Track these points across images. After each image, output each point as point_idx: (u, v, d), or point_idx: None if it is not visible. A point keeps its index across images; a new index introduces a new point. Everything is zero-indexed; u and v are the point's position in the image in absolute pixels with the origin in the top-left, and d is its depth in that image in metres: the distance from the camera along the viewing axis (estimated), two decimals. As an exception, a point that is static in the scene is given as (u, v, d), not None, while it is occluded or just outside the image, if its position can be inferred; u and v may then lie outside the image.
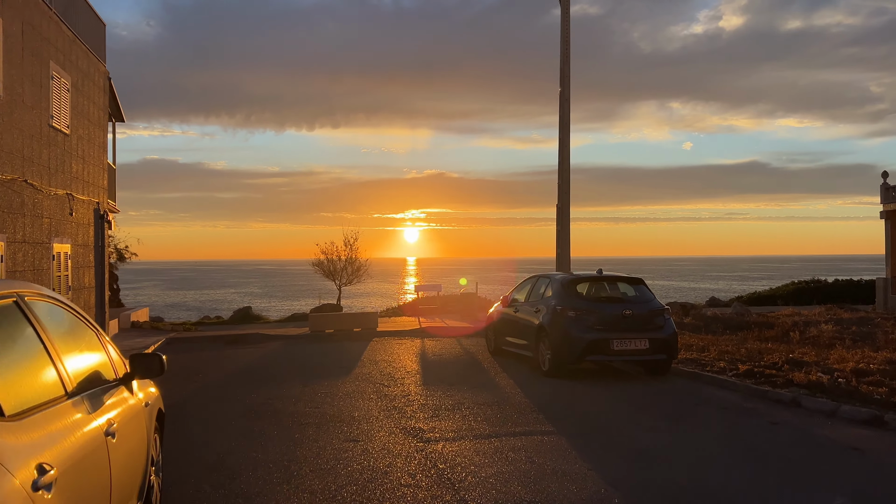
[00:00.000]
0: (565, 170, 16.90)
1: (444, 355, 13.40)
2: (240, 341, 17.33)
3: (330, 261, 27.91)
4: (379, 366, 12.06)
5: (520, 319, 11.77)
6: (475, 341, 15.74)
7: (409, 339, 16.61)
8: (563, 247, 16.91)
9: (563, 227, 16.93)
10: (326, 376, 10.96)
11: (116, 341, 17.59)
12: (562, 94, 17.03)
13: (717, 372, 10.57)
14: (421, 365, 12.16)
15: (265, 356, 14.05)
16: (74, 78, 14.09)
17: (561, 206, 16.98)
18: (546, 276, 11.66)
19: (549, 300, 10.83)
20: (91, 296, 15.34)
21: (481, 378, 10.63)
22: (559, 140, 17.01)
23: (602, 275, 11.09)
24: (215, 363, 13.05)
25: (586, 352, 10.12)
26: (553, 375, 10.48)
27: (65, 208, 13.56)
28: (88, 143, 15.10)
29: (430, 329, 19.03)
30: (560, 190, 16.99)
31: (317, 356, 13.74)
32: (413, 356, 13.36)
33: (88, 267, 15.19)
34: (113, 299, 23.85)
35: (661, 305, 10.70)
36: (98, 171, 15.84)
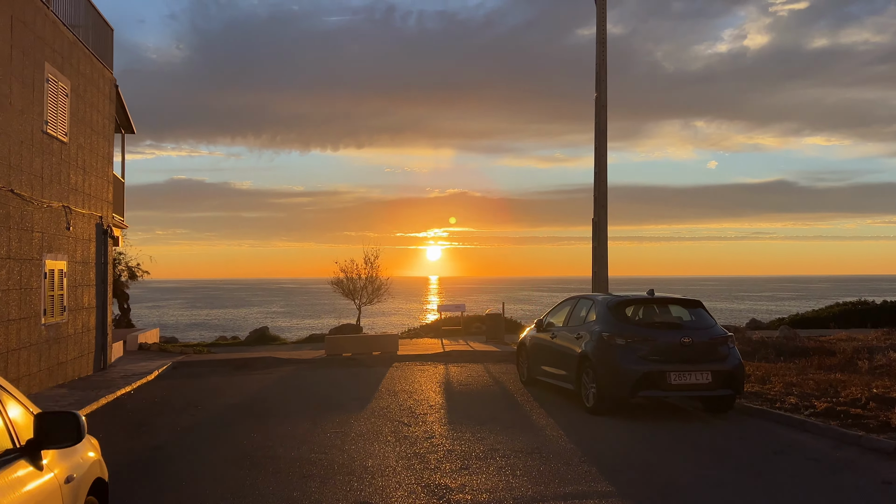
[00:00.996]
0: (602, 181, 15.55)
1: (471, 385, 12.04)
2: (249, 366, 16.12)
3: (349, 279, 26.76)
4: (398, 398, 10.74)
5: (558, 347, 10.39)
6: (504, 368, 14.36)
7: (431, 365, 15.27)
8: (599, 265, 15.51)
9: (600, 244, 15.54)
10: (339, 411, 9.66)
11: (119, 365, 16.55)
12: (598, 99, 15.73)
13: (791, 410, 9.08)
14: (445, 397, 10.81)
15: (274, 384, 12.80)
16: (75, 83, 13.12)
17: (597, 220, 15.60)
18: (588, 298, 10.28)
19: (593, 325, 9.45)
20: (91, 317, 14.26)
21: (515, 415, 9.25)
22: (595, 149, 15.69)
23: (654, 296, 9.69)
24: (218, 393, 11.83)
25: (639, 386, 8.70)
26: (599, 413, 9.07)
27: (60, 222, 12.52)
28: (90, 153, 14.11)
29: (454, 353, 17.68)
30: (596, 203, 15.62)
31: (330, 385, 12.46)
32: (436, 386, 12.02)
33: (88, 286, 14.14)
34: (122, 320, 22.87)
35: (724, 332, 9.26)
36: (101, 184, 14.85)
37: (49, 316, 11.99)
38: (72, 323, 13.15)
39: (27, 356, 11.14)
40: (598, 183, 15.57)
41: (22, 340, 10.94)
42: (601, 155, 15.55)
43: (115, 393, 11.65)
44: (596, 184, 15.64)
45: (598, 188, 15.58)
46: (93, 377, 13.66)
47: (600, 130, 15.59)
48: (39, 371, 11.63)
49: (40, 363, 11.65)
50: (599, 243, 15.49)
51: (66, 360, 12.80)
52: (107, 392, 11.63)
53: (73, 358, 13.23)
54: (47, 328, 11.93)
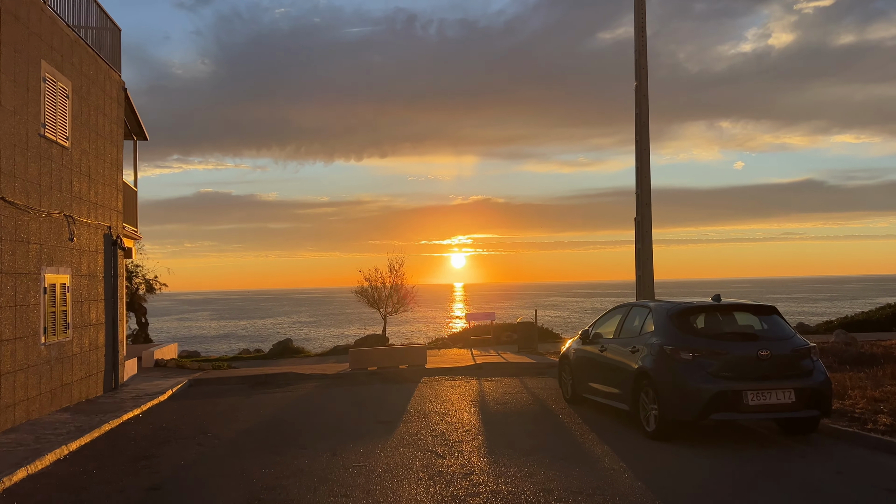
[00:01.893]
0: (644, 176, 14.30)
1: (508, 404, 10.86)
2: (269, 383, 15.13)
3: (374, 288, 25.73)
4: (429, 420, 9.61)
5: (608, 361, 9.19)
6: (543, 383, 13.15)
7: (463, 380, 14.12)
8: (644, 268, 14.24)
9: (644, 245, 14.28)
10: (363, 438, 8.55)
11: (132, 384, 15.65)
12: (638, 88, 14.51)
13: (887, 432, 7.76)
14: (482, 419, 9.65)
15: (293, 404, 11.75)
16: (77, 84, 12.28)
17: (640, 219, 14.35)
18: (642, 305, 9.05)
19: (652, 337, 8.23)
20: (100, 334, 13.37)
21: (564, 441, 8.06)
22: (636, 142, 14.46)
23: (720, 302, 8.44)
24: (232, 415, 10.81)
25: (711, 408, 7.46)
26: (661, 438, 7.85)
27: (62, 232, 11.65)
28: (96, 158, 13.26)
29: (486, 365, 16.51)
30: (638, 201, 14.38)
31: (354, 405, 11.37)
32: (470, 405, 10.87)
33: (96, 300, 13.26)
34: (140, 335, 22.09)
35: (805, 342, 7.97)
36: (110, 192, 14.00)
37: (50, 334, 11.09)
38: (77, 341, 12.25)
39: (25, 379, 10.23)
40: (641, 179, 14.33)
41: (18, 362, 10.03)
42: (643, 148, 14.32)
43: (120, 417, 10.69)
44: (638, 180, 14.41)
45: (640, 184, 14.35)
46: (101, 399, 12.75)
47: (642, 122, 14.37)
48: (40, 395, 10.72)
49: (41, 386, 10.74)
50: (643, 244, 14.24)
51: (70, 381, 11.89)
52: (112, 416, 10.68)
53: (80, 378, 12.33)
54: (48, 348, 11.03)
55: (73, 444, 8.74)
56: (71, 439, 8.91)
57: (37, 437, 9.10)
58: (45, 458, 7.89)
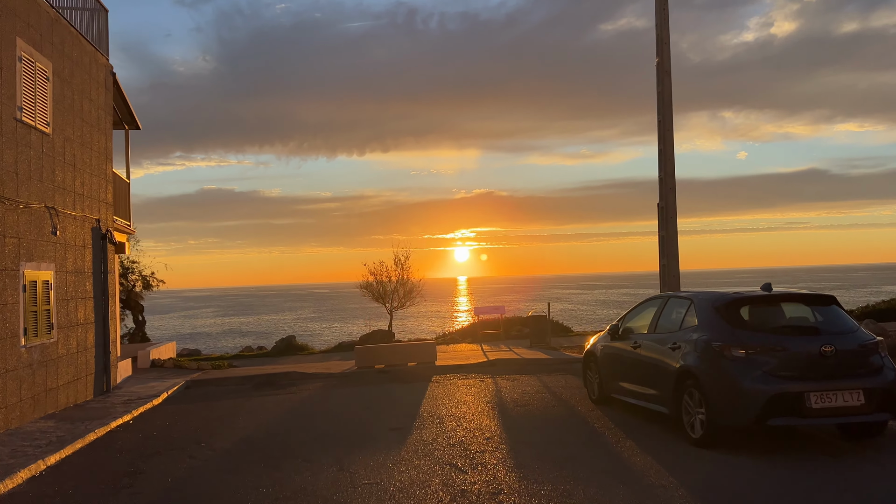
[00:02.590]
0: (668, 158, 13.37)
1: (530, 406, 9.98)
2: (271, 383, 14.27)
3: (379, 283, 24.87)
4: (445, 426, 8.73)
5: (643, 359, 8.29)
6: (564, 381, 12.27)
7: (476, 378, 13.25)
8: (669, 257, 13.32)
9: (669, 232, 13.35)
10: (373, 447, 7.68)
11: (126, 387, 14.79)
12: (659, 65, 13.56)
13: (964, 436, 6.88)
14: (503, 424, 8.76)
15: (296, 408, 10.89)
16: (58, 66, 11.39)
17: (664, 205, 13.42)
18: (682, 297, 8.13)
19: (696, 332, 7.33)
20: (88, 334, 12.52)
21: (599, 451, 7.17)
22: (658, 122, 13.52)
23: (772, 291, 7.52)
24: (230, 421, 9.95)
25: (768, 412, 6.55)
26: (708, 445, 6.95)
27: (43, 225, 10.78)
28: (82, 146, 12.38)
29: (499, 362, 15.64)
30: (662, 184, 13.45)
31: (362, 408, 10.51)
32: (488, 407, 9.98)
33: (84, 298, 12.41)
34: (137, 333, 21.26)
35: (871, 336, 7.05)
36: (98, 183, 13.13)
37: (31, 336, 10.24)
38: (63, 342, 11.40)
39: (3, 385, 9.38)
40: (664, 161, 13.39)
41: (-5, 367, 9.19)
42: (666, 129, 13.38)
43: (108, 425, 9.84)
44: (661, 162, 13.48)
45: (663, 167, 13.41)
46: (91, 403, 11.90)
47: (664, 101, 13.42)
48: (20, 401, 9.87)
49: (21, 392, 9.89)
50: (668, 231, 13.31)
51: (56, 385, 11.05)
52: (100, 424, 9.83)
53: (67, 382, 11.48)
54: (29, 350, 10.18)
55: (51, 457, 7.88)
56: (50, 452, 8.06)
57: (13, 449, 8.24)
58: (16, 477, 7.03)
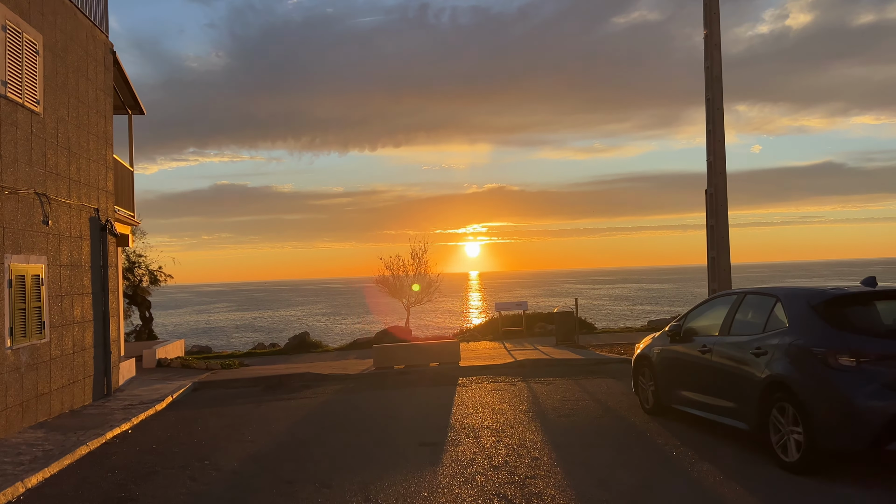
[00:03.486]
0: (717, 140, 12.16)
1: (575, 416, 8.85)
2: (284, 385, 13.25)
3: (396, 277, 23.82)
4: (482, 441, 7.63)
5: (715, 365, 7.14)
6: (605, 386, 11.13)
7: (507, 382, 12.14)
8: (719, 249, 12.13)
9: (719, 222, 12.16)
10: (401, 469, 6.60)
11: (128, 389, 13.75)
12: (708, 38, 12.35)
13: None
14: (549, 439, 7.64)
15: (311, 416, 9.84)
16: (50, 39, 10.37)
17: (713, 191, 12.23)
18: (764, 293, 6.95)
19: (788, 335, 6.17)
20: (87, 333, 11.54)
21: (674, 477, 6.03)
22: (707, 101, 12.31)
23: (878, 288, 6.35)
24: (238, 431, 8.90)
25: (889, 435, 5.39)
26: (807, 472, 5.80)
27: (33, 214, 9.77)
28: (78, 129, 11.37)
29: (528, 363, 14.52)
30: (711, 169, 12.25)
31: (384, 417, 9.43)
32: (527, 418, 8.87)
33: (81, 295, 11.43)
34: (143, 330, 20.31)
35: None
36: (97, 169, 12.12)
37: (19, 336, 9.24)
38: (57, 342, 10.40)
39: (-15, 391, 8.39)
40: (714, 143, 12.19)
41: (-25, 371, 8.19)
42: (716, 108, 12.17)
43: (103, 436, 8.82)
44: (710, 144, 12.27)
45: (712, 150, 12.21)
46: (88, 409, 10.91)
47: (713, 76, 12.21)
48: (6, 409, 8.87)
49: (7, 398, 8.89)
50: (718, 221, 12.12)
51: (48, 390, 10.06)
52: (94, 434, 8.82)
53: (62, 386, 10.49)
54: (16, 352, 9.17)
55: (32, 478, 6.86)
56: (32, 471, 7.04)
57: (-9, 467, 7.23)
58: (-14, 504, 6.02)
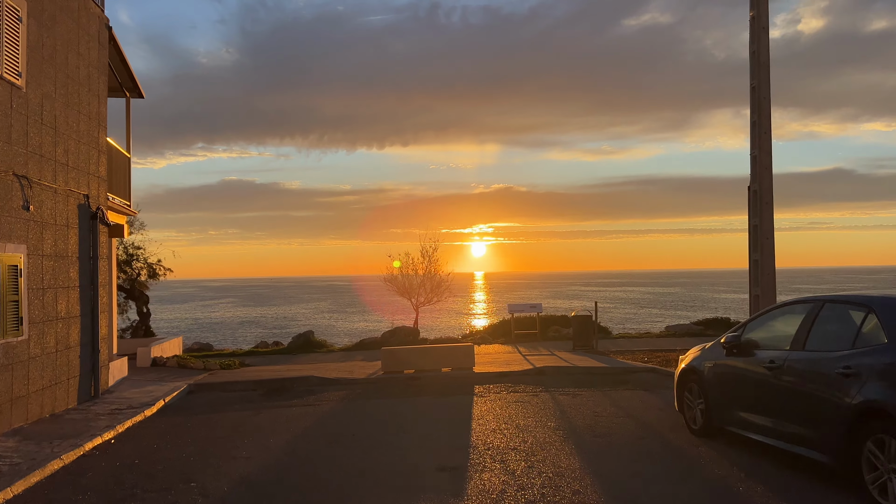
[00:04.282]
0: (764, 132, 11.13)
1: (612, 436, 7.84)
2: (286, 390, 12.29)
3: (405, 276, 22.89)
4: (510, 465, 6.63)
5: (786, 385, 6.12)
6: (638, 400, 10.12)
7: (528, 392, 11.14)
8: (764, 251, 11.10)
9: (764, 221, 11.12)
10: (421, 501, 5.61)
11: (118, 391, 12.74)
12: (755, 20, 11.31)
13: None
14: (587, 466, 6.64)
15: (315, 429, 8.86)
16: (35, 6, 9.44)
17: (757, 188, 11.19)
18: (853, 303, 5.88)
19: (890, 353, 5.15)
20: (72, 330, 10.61)
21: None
22: (752, 89, 11.27)
23: None
24: (232, 444, 7.93)
25: None
26: (911, 520, 4.80)
27: (12, 198, 8.84)
28: (66, 108, 10.44)
29: (548, 370, 13.52)
30: (756, 163, 11.20)
31: (396, 431, 8.44)
32: (558, 438, 7.86)
33: (67, 288, 10.50)
34: (140, 326, 19.39)
35: None
36: (87, 152, 11.20)
37: (-9, 333, 8.30)
38: (37, 340, 9.47)
39: (-52, 395, 7.45)
40: (759, 135, 11.16)
41: (-64, 373, 7.25)
42: (762, 96, 11.14)
43: (82, 447, 7.86)
44: (754, 137, 11.24)
45: (757, 142, 11.17)
46: (70, 413, 9.97)
47: (760, 62, 11.18)
48: (-26, 414, 7.94)
49: (-25, 403, 7.96)
50: (763, 219, 11.08)
51: (26, 392, 9.12)
52: (72, 444, 7.87)
53: (42, 388, 9.56)
54: (-13, 351, 8.24)
55: (-11, 501, 5.92)
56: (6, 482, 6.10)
57: (-55, 485, 6.29)
58: (-74, 537, 5.06)
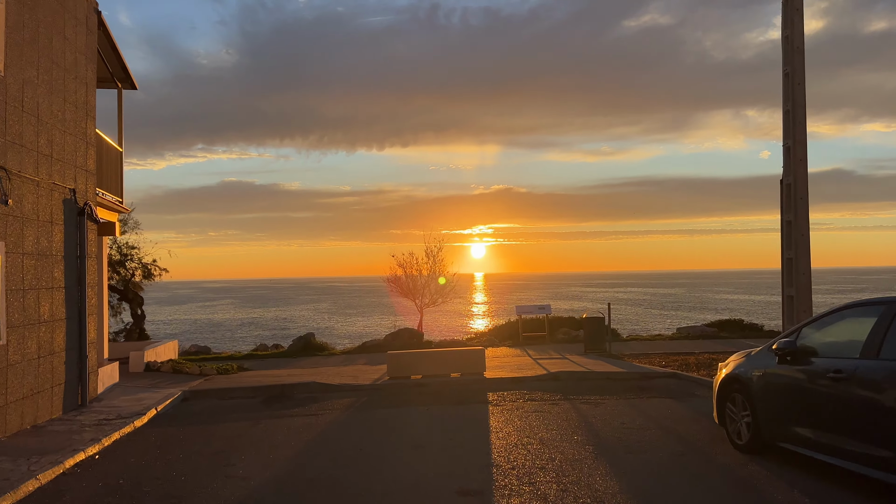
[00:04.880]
0: (798, 122, 10.38)
1: (647, 452, 7.10)
2: (287, 398, 11.55)
3: (409, 277, 22.15)
4: (538, 487, 5.88)
5: (855, 397, 5.38)
6: (667, 409, 9.38)
7: (546, 401, 10.40)
8: (798, 248, 10.35)
9: (799, 217, 10.37)
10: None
11: (108, 399, 11.88)
12: (788, 2, 10.57)
13: None
14: (626, 487, 5.88)
15: (318, 443, 8.11)
16: (15, -16, 8.71)
17: (791, 182, 10.45)
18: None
19: None
20: (56, 334, 9.87)
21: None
22: (785, 75, 10.54)
23: None
24: (227, 462, 7.19)
25: None
26: None
27: (-13, 191, 8.11)
28: (50, 94, 9.71)
29: (563, 375, 12.79)
30: (789, 156, 10.46)
31: (408, 447, 7.69)
32: (587, 454, 7.11)
33: (50, 289, 9.76)
34: (135, 329, 18.64)
35: None
36: (74, 143, 10.47)
37: (-37, 338, 7.56)
38: (17, 346, 8.72)
39: (-88, 408, 6.70)
40: (793, 125, 10.42)
41: None
42: (796, 83, 10.40)
43: (62, 464, 7.12)
44: (787, 126, 10.50)
45: (791, 133, 10.43)
46: (53, 424, 9.22)
47: (794, 47, 10.44)
48: (-57, 429, 7.20)
49: (-57, 416, 7.22)
50: (797, 215, 10.34)
51: (4, 402, 8.38)
52: (51, 461, 7.13)
53: (22, 398, 8.81)
54: (-42, 358, 7.50)
55: (-52, 533, 5.18)
56: (-47, 520, 5.36)
57: None
58: None
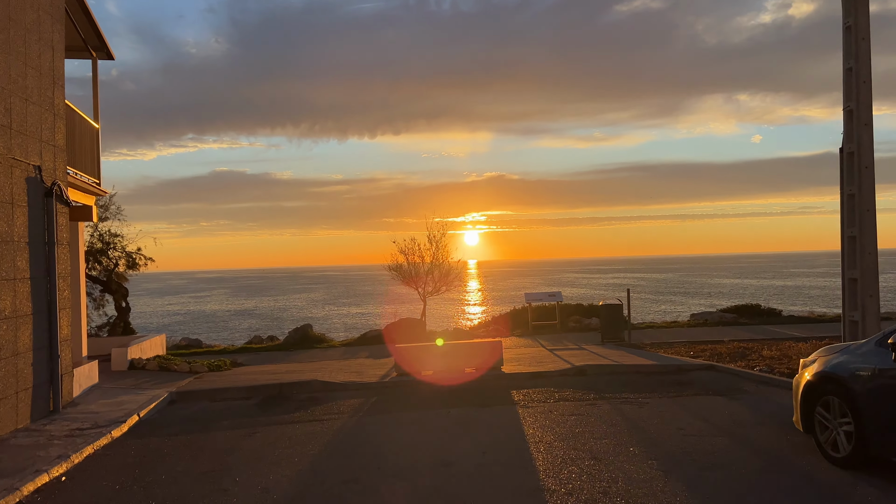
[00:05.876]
0: (861, 81, 9.15)
1: (725, 468, 5.92)
2: (286, 399, 10.34)
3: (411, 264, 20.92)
4: (611, 520, 4.71)
5: None
6: (724, 408, 8.22)
7: (576, 397, 9.24)
8: (863, 225, 9.16)
9: (864, 190, 9.17)
10: None
11: (84, 402, 10.50)
12: (849, -54, 9.33)
13: None
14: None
15: (322, 457, 6.89)
16: (-40, -78, 7.38)
17: (855, 150, 9.25)
18: None
19: None
20: (21, 332, 8.61)
21: None
22: (847, 28, 9.31)
23: None
24: (216, 485, 5.96)
25: None
26: None
27: (-72, 164, 6.84)
28: (8, 56, 8.39)
29: (588, 369, 11.64)
30: (851, 119, 9.24)
31: (434, 464, 6.48)
32: (651, 469, 5.93)
33: (13, 280, 8.50)
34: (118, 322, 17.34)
35: None
36: (40, 114, 9.16)
37: None
38: (-29, 346, 7.46)
39: None
40: (856, 85, 9.20)
41: None
42: (860, 37, 9.17)
43: (19, 490, 5.89)
44: (849, 88, 9.28)
45: (854, 94, 9.21)
46: (19, 436, 7.97)
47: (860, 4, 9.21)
48: None
49: None
50: (862, 188, 9.15)
51: (-45, 414, 7.13)
52: (9, 487, 5.90)
53: (-21, 406, 7.56)
54: None
55: None
56: None
57: None
58: None
